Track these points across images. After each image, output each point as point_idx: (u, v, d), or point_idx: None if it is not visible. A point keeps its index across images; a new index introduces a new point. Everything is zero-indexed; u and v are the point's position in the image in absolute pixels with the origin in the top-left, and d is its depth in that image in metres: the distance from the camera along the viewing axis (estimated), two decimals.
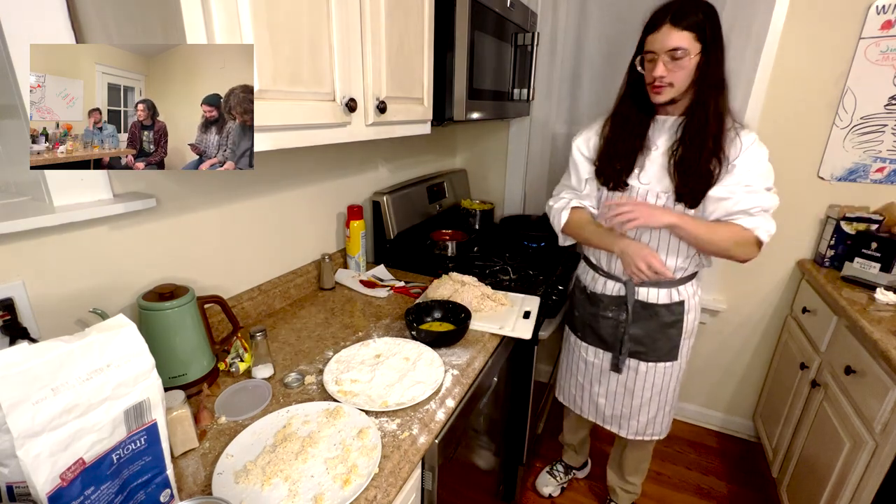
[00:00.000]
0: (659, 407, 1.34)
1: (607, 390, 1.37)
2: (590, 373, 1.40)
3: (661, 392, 1.32)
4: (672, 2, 1.01)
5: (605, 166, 1.19)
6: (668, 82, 1.03)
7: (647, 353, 1.28)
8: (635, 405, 1.34)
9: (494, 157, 2.20)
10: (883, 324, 1.20)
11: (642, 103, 1.13)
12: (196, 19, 0.62)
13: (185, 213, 1.01)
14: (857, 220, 1.55)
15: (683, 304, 1.23)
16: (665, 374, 1.29)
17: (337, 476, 0.69)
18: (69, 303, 0.83)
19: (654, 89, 1.06)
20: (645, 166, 1.14)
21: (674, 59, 1.00)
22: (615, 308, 1.28)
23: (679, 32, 0.98)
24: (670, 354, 1.27)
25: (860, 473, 1.15)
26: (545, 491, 1.74)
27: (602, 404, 1.40)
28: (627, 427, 1.38)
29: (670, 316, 1.23)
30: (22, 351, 0.48)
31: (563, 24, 1.82)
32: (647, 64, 1.06)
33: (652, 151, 1.14)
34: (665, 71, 1.01)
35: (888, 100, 1.51)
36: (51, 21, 0.72)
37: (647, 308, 1.24)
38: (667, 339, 1.26)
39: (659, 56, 1.01)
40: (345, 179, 1.51)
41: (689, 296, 1.24)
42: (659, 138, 1.14)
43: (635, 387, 1.32)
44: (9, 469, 0.50)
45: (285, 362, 1.01)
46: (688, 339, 1.28)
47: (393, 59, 1.03)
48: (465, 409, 0.98)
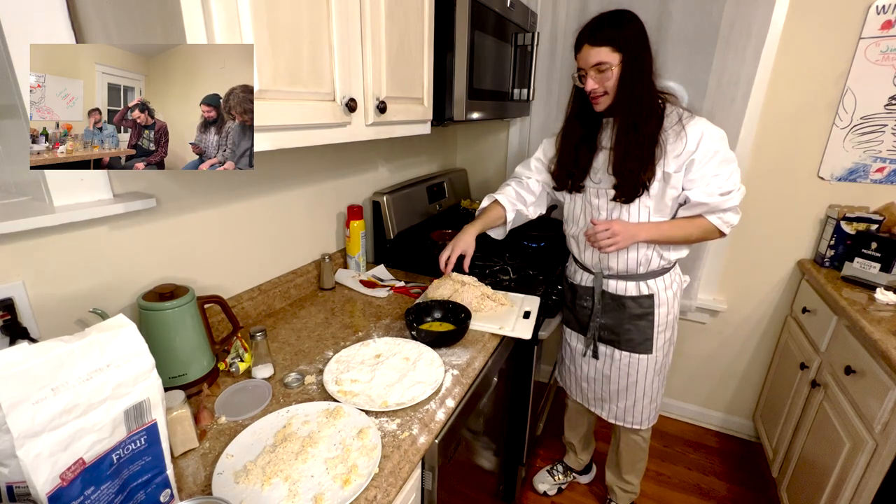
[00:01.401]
0: (637, 397, 1.39)
1: (587, 374, 1.46)
2: (572, 356, 1.50)
3: (638, 383, 1.37)
4: (588, 22, 1.10)
5: (558, 171, 1.29)
6: (602, 92, 1.11)
7: (619, 343, 1.34)
8: (612, 390, 1.42)
9: (494, 157, 2.20)
10: (883, 324, 1.20)
11: (586, 112, 1.21)
12: (196, 19, 0.62)
13: (185, 213, 1.01)
14: (857, 220, 1.55)
15: (653, 298, 1.27)
16: (640, 365, 1.34)
17: (337, 476, 0.69)
18: (69, 303, 0.83)
19: (593, 101, 1.14)
20: (599, 167, 1.22)
21: (599, 72, 1.08)
22: (589, 297, 1.35)
23: (597, 49, 1.07)
24: (643, 346, 1.32)
25: (860, 473, 1.15)
26: (540, 488, 1.75)
27: (585, 387, 1.49)
28: (608, 410, 1.46)
29: (638, 308, 1.29)
30: (22, 351, 0.48)
31: (563, 24, 1.82)
32: (582, 79, 1.14)
33: (599, 152, 1.22)
34: (595, 84, 1.10)
35: (888, 100, 1.51)
36: (51, 21, 0.72)
37: (615, 299, 1.31)
38: (637, 330, 1.31)
39: (587, 72, 1.10)
40: (345, 179, 1.51)
41: (660, 290, 1.28)
42: (605, 139, 1.21)
43: (611, 373, 1.40)
44: (9, 469, 0.50)
45: (285, 362, 1.01)
46: (663, 333, 1.31)
47: (393, 58, 1.03)
48: (465, 409, 0.98)
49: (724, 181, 1.12)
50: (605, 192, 1.21)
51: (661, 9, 1.67)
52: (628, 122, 1.10)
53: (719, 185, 1.12)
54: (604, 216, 1.23)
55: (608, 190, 1.20)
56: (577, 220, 1.31)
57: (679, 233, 1.19)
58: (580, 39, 1.10)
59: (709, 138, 1.10)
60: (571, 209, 1.33)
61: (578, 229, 1.31)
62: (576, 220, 1.32)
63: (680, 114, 1.12)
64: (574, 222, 1.33)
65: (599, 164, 1.21)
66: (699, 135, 1.10)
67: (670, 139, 1.11)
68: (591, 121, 1.21)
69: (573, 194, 1.30)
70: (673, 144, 1.11)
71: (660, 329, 1.30)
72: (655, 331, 1.30)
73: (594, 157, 1.22)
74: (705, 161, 1.10)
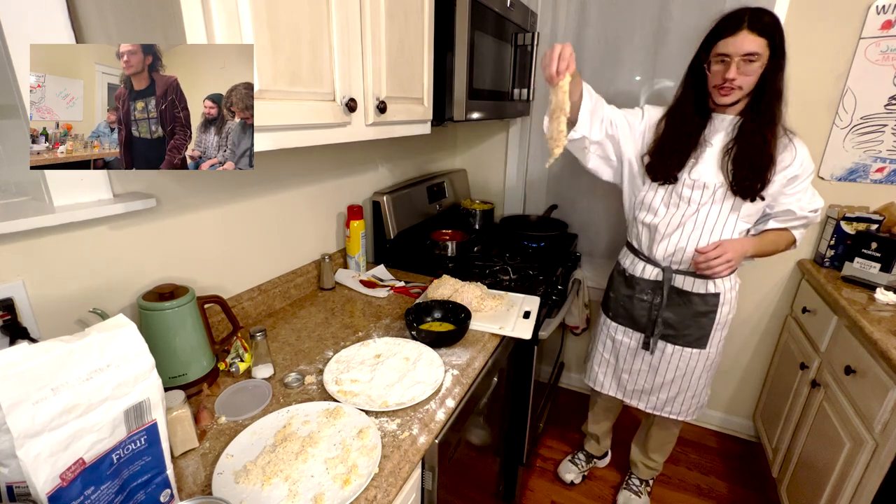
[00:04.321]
0: (681, 389, 1.40)
1: (632, 367, 1.46)
2: (616, 350, 1.48)
3: (686, 375, 1.38)
4: (746, 7, 1.06)
5: (657, 162, 1.24)
6: (738, 85, 1.08)
7: (676, 337, 1.35)
8: (657, 382, 1.42)
9: (494, 157, 2.20)
10: (883, 324, 1.20)
11: (700, 103, 1.19)
12: (196, 19, 0.62)
13: (185, 213, 1.01)
14: (857, 220, 1.55)
15: (718, 297, 1.29)
16: (692, 360, 1.35)
17: (337, 476, 0.69)
18: (69, 303, 0.83)
19: (723, 91, 1.10)
20: (700, 161, 1.20)
21: (747, 62, 1.05)
22: (650, 291, 1.35)
23: (755, 38, 1.03)
24: (699, 342, 1.33)
25: (860, 473, 1.15)
26: (567, 478, 1.77)
27: (625, 379, 1.48)
28: (647, 401, 1.47)
29: (704, 306, 1.30)
30: (22, 351, 0.48)
31: (563, 24, 1.82)
32: (716, 66, 1.10)
33: (707, 148, 1.20)
34: (737, 74, 1.06)
35: (888, 100, 1.51)
36: (51, 21, 0.72)
37: (682, 295, 1.31)
38: (698, 326, 1.32)
39: (732, 59, 1.05)
40: (345, 179, 1.51)
41: (726, 290, 1.30)
42: (714, 136, 1.20)
43: (660, 366, 1.40)
44: (9, 469, 0.50)
45: (285, 362, 1.01)
46: (720, 331, 1.33)
47: (393, 59, 1.03)
48: (465, 409, 0.98)
49: (815, 199, 1.19)
50: (703, 185, 1.20)
51: (661, 9, 1.67)
52: (758, 120, 1.11)
53: (810, 202, 1.20)
54: (692, 210, 1.22)
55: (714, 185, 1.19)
56: (657, 210, 1.28)
57: (772, 248, 1.24)
58: (735, 22, 1.05)
59: (809, 156, 1.16)
60: (651, 198, 1.28)
61: (658, 219, 1.27)
62: (654, 209, 1.28)
63: (785, 127, 1.15)
64: (651, 212, 1.29)
65: (705, 159, 1.19)
66: (805, 151, 1.15)
67: (779, 149, 1.13)
68: (701, 114, 1.20)
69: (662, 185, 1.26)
70: (781, 155, 1.14)
71: (718, 327, 1.32)
72: (714, 328, 1.31)
73: (698, 152, 1.20)
74: (805, 177, 1.17)
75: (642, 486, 1.69)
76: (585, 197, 2.00)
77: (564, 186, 2.04)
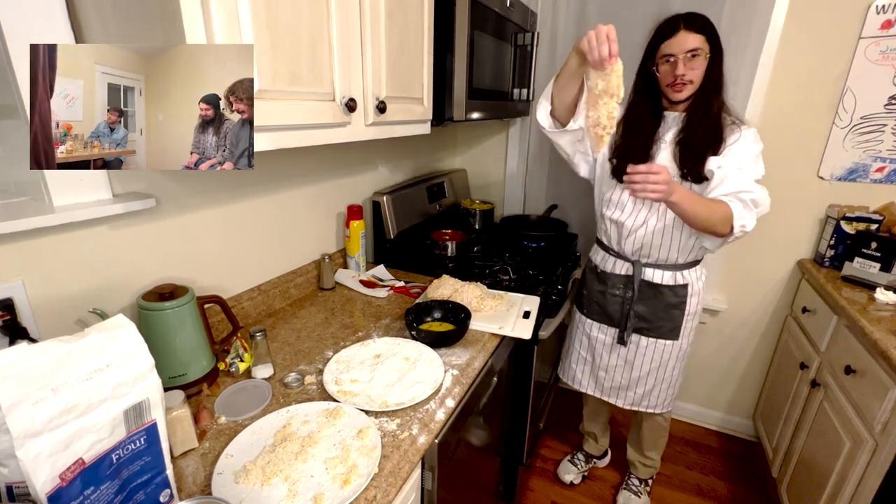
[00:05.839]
0: (656, 382, 1.43)
1: (607, 364, 1.48)
2: (592, 347, 1.50)
3: (660, 368, 1.41)
4: (679, 13, 1.16)
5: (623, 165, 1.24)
6: (689, 80, 1.15)
7: (650, 330, 1.38)
8: (633, 377, 1.44)
9: (494, 157, 2.20)
10: (883, 323, 1.20)
11: (654, 105, 1.26)
12: (196, 19, 0.62)
13: (185, 213, 1.01)
14: (857, 220, 1.55)
15: (687, 288, 1.33)
16: (665, 351, 1.39)
17: (337, 476, 0.69)
18: (69, 303, 0.83)
19: (675, 87, 1.17)
20: (656, 158, 1.25)
21: (692, 57, 1.13)
22: (622, 286, 1.38)
23: (694, 35, 1.12)
24: (672, 333, 1.37)
25: (860, 473, 1.15)
26: (566, 478, 1.78)
27: (602, 377, 1.50)
28: (624, 397, 1.49)
29: (674, 297, 1.34)
30: (21, 351, 0.48)
31: (563, 25, 1.82)
32: (664, 66, 1.18)
33: (661, 144, 1.25)
34: (685, 69, 1.14)
35: (888, 99, 1.51)
36: (51, 21, 0.72)
37: (652, 287, 1.34)
38: (670, 318, 1.36)
39: (678, 57, 1.13)
40: (345, 179, 1.51)
41: (693, 280, 1.34)
42: (666, 133, 1.25)
43: (635, 360, 1.43)
44: (8, 469, 0.50)
45: (285, 362, 1.01)
46: (691, 321, 1.36)
47: (393, 59, 1.03)
48: (465, 408, 0.98)
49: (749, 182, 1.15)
50: None
51: (661, 8, 1.67)
52: (705, 110, 1.17)
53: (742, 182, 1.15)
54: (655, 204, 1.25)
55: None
56: (623, 207, 1.31)
57: (703, 209, 1.14)
58: (671, 26, 1.14)
59: (753, 140, 1.18)
60: (618, 196, 1.32)
61: (625, 216, 1.31)
62: (621, 206, 1.31)
63: (734, 117, 1.21)
64: (619, 208, 1.32)
65: (659, 155, 1.24)
66: (750, 135, 1.18)
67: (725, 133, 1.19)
68: (653, 114, 1.26)
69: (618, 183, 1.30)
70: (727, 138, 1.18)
71: (689, 317, 1.36)
72: (685, 318, 1.35)
73: (654, 150, 1.25)
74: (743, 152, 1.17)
75: (642, 485, 1.69)
76: (585, 197, 1.99)
77: (564, 186, 2.04)
